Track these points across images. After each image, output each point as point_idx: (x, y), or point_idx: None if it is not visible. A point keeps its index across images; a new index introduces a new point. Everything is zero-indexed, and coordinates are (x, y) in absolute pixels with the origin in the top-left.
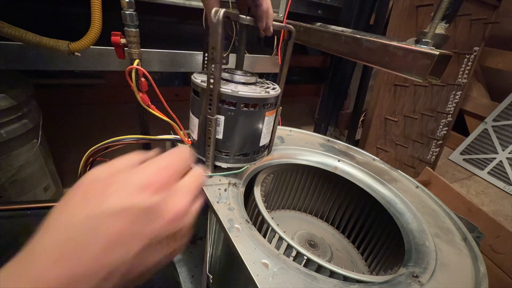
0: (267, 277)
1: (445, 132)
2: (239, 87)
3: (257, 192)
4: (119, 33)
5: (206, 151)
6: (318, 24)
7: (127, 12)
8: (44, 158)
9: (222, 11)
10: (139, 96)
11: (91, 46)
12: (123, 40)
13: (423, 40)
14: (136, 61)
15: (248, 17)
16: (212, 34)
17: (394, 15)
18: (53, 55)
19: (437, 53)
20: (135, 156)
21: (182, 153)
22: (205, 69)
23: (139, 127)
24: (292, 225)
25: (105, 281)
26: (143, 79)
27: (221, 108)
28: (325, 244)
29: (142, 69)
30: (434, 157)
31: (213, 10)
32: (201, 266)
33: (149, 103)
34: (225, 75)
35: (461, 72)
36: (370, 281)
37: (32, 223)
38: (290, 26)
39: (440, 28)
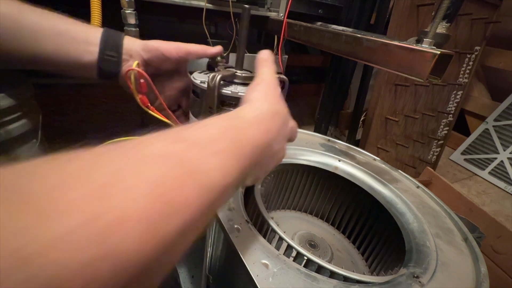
0: (267, 278)
1: (446, 132)
2: (239, 88)
3: (257, 192)
4: None
5: None
6: (319, 23)
7: (127, 11)
8: None
9: (218, 76)
10: (138, 97)
11: None
12: None
13: (424, 39)
14: (135, 63)
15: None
16: (209, 95)
17: (395, 14)
18: None
19: (438, 52)
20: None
21: None
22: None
23: (139, 128)
24: (292, 225)
25: (268, 148)
26: (142, 80)
27: (221, 109)
28: (325, 244)
29: (141, 71)
30: (435, 157)
31: (210, 76)
32: (201, 266)
33: (149, 104)
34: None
35: (462, 72)
36: (370, 282)
37: None
38: (284, 76)
39: (441, 28)
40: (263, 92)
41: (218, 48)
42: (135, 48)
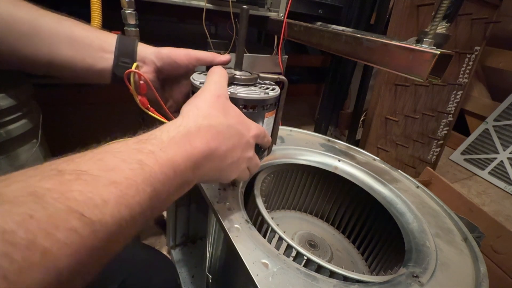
0: (267, 277)
1: (446, 132)
2: (238, 89)
3: (257, 192)
4: (119, 32)
5: None
6: (319, 23)
7: (127, 11)
8: (44, 158)
9: None
10: (138, 99)
11: None
12: None
13: (424, 39)
14: (135, 65)
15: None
16: None
17: (395, 14)
18: None
19: (438, 52)
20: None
21: None
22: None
23: (138, 128)
24: (292, 225)
25: (223, 158)
26: (141, 82)
27: None
28: (325, 244)
29: (140, 72)
30: (434, 157)
31: None
32: (201, 266)
33: (148, 105)
34: None
35: (462, 72)
36: (370, 281)
37: None
38: (283, 77)
39: (441, 28)
40: (196, 106)
41: (226, 57)
42: (148, 56)
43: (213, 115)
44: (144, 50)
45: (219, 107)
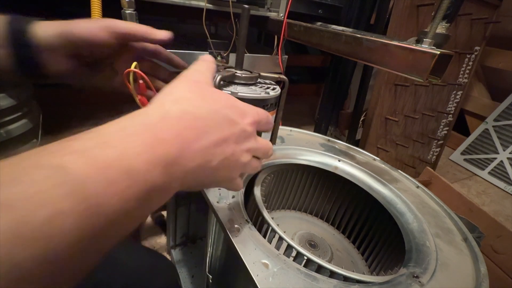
0: (267, 277)
1: (445, 132)
2: (238, 88)
3: (257, 192)
4: None
5: None
6: (319, 23)
7: (127, 11)
8: None
9: (218, 77)
10: (138, 98)
11: None
12: None
13: (424, 39)
14: (134, 64)
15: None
16: None
17: (395, 14)
18: None
19: (438, 52)
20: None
21: None
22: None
23: None
24: (292, 225)
25: (211, 154)
26: (141, 81)
27: None
28: (325, 244)
29: (140, 72)
30: (434, 157)
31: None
32: (201, 266)
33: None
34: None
35: (462, 72)
36: (370, 281)
37: None
38: (284, 76)
39: (441, 28)
40: (164, 92)
41: (166, 33)
42: (51, 39)
43: (188, 98)
44: (45, 30)
45: (196, 91)
